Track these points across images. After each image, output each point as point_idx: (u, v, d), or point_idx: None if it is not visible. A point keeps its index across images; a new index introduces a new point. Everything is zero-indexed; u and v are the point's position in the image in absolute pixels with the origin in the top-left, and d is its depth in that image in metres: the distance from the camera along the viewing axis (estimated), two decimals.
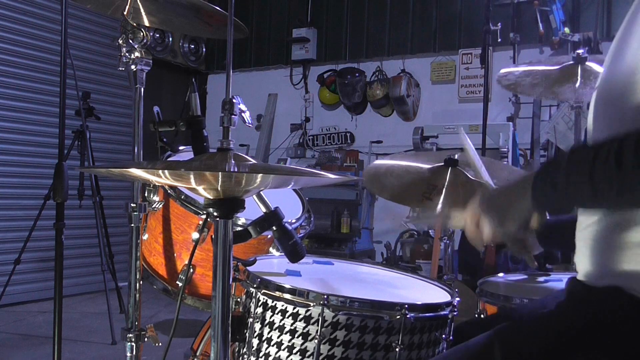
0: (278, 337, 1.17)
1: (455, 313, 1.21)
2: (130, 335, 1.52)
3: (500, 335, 1.01)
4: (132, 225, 1.53)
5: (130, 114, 2.93)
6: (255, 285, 1.22)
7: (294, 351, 1.15)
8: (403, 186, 1.70)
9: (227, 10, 1.13)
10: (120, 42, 1.48)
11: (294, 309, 1.16)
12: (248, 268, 1.29)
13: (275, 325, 1.18)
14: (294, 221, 1.61)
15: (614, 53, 1.01)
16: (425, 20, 5.49)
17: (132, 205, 1.52)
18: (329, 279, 1.43)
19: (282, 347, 1.16)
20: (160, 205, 1.58)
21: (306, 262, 1.45)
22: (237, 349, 1.27)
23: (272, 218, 1.24)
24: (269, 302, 1.19)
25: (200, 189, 0.99)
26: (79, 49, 4.68)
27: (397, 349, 1.13)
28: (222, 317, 1.03)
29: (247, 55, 6.38)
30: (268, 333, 1.19)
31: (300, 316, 1.15)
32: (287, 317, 1.16)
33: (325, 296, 1.13)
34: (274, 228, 1.25)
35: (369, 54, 5.79)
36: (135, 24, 1.47)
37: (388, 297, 1.27)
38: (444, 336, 1.21)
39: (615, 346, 0.91)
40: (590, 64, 1.98)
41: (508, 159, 4.20)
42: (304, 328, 1.14)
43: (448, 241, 1.97)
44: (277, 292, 1.18)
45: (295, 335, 1.15)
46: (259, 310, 1.20)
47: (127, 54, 1.49)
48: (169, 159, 1.60)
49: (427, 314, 1.17)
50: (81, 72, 4.21)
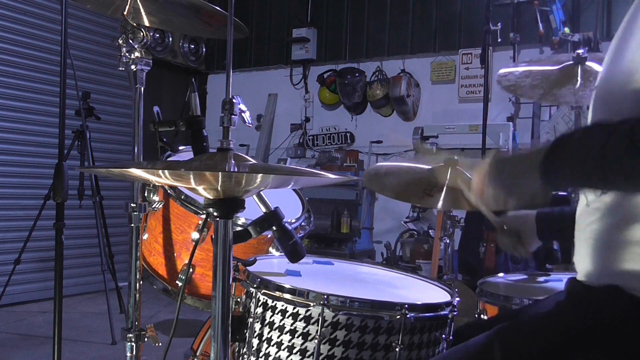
0: (278, 337, 1.17)
1: (455, 313, 1.21)
2: (130, 335, 1.52)
3: (500, 335, 1.01)
4: (132, 225, 1.53)
5: (130, 114, 2.93)
6: (255, 285, 1.22)
7: (294, 351, 1.15)
8: (403, 184, 1.70)
9: (227, 10, 1.13)
10: (120, 42, 1.48)
11: (294, 309, 1.16)
12: (248, 268, 1.29)
13: (275, 325, 1.18)
14: (294, 221, 1.61)
15: (614, 53, 1.01)
16: (425, 20, 5.49)
17: (132, 205, 1.52)
18: (329, 279, 1.43)
19: (282, 347, 1.16)
20: (160, 205, 1.58)
21: (306, 262, 1.45)
22: (237, 349, 1.27)
23: (272, 218, 1.24)
24: (269, 302, 1.19)
25: (200, 189, 0.99)
26: (79, 49, 4.68)
27: (397, 349, 1.13)
28: (222, 317, 1.03)
29: (247, 55, 6.38)
30: (268, 333, 1.19)
31: (300, 316, 1.15)
32: (287, 317, 1.16)
33: (325, 296, 1.13)
34: (274, 228, 1.25)
35: (369, 54, 5.79)
36: (135, 24, 1.47)
37: (388, 297, 1.27)
38: (444, 336, 1.21)
39: (615, 346, 0.91)
40: (590, 64, 1.98)
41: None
42: (304, 328, 1.15)
43: (448, 241, 1.97)
44: (277, 292, 1.18)
45: (295, 335, 1.15)
46: (259, 310, 1.20)
47: (127, 54, 1.49)
48: (169, 159, 1.60)
49: (427, 314, 1.17)
50: (81, 72, 4.21)
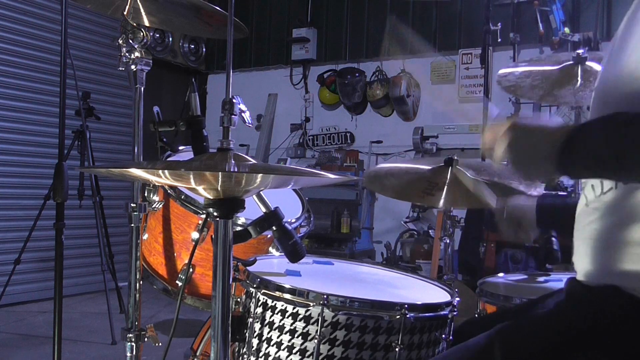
0: (278, 337, 1.17)
1: (455, 313, 1.21)
2: (130, 335, 1.52)
3: (500, 335, 1.01)
4: (132, 225, 1.53)
5: (130, 114, 2.93)
6: (255, 285, 1.22)
7: (294, 351, 1.15)
8: (403, 184, 1.70)
9: (227, 10, 1.13)
10: (120, 42, 1.48)
11: (293, 308, 1.16)
12: (248, 268, 1.29)
13: (275, 325, 1.18)
14: (293, 221, 1.61)
15: (613, 53, 1.01)
16: (425, 20, 5.49)
17: (132, 205, 1.52)
18: (329, 279, 1.43)
19: (282, 347, 1.16)
20: (160, 205, 1.58)
21: (306, 262, 1.45)
22: (237, 349, 1.27)
23: (272, 218, 1.24)
24: (269, 302, 1.19)
25: (200, 189, 0.99)
26: (79, 49, 4.68)
27: (397, 349, 1.13)
28: (222, 317, 1.03)
29: (247, 55, 6.38)
30: (268, 333, 1.19)
31: (300, 316, 1.15)
32: (287, 317, 1.16)
33: (325, 296, 1.13)
34: (274, 228, 1.25)
35: (369, 54, 5.78)
36: (135, 24, 1.47)
37: (388, 297, 1.27)
38: (443, 336, 1.21)
39: (615, 346, 0.91)
40: (591, 64, 1.97)
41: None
42: (303, 328, 1.15)
43: (448, 241, 1.96)
44: (277, 292, 1.18)
45: (295, 335, 1.15)
46: (259, 310, 1.21)
47: (127, 54, 1.49)
48: (169, 159, 1.60)
49: (427, 314, 1.17)
50: (81, 72, 4.21)
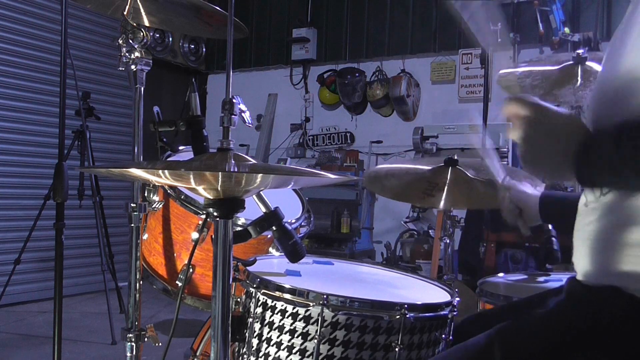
0: (278, 337, 1.17)
1: (455, 313, 1.21)
2: (130, 335, 1.52)
3: (500, 335, 1.01)
4: (132, 225, 1.53)
5: (130, 114, 2.93)
6: (255, 285, 1.22)
7: (294, 351, 1.15)
8: (403, 185, 1.70)
9: (227, 10, 1.13)
10: (120, 42, 1.48)
11: (293, 308, 1.16)
12: (248, 268, 1.29)
13: (275, 325, 1.18)
14: (294, 221, 1.61)
15: (612, 53, 1.01)
16: (425, 20, 5.48)
17: (132, 205, 1.52)
18: (329, 279, 1.43)
19: (282, 347, 1.16)
20: (160, 205, 1.58)
21: (306, 262, 1.45)
22: (237, 348, 1.27)
23: (272, 218, 1.24)
24: (269, 302, 1.19)
25: (200, 189, 0.99)
26: (79, 49, 4.68)
27: (397, 349, 1.13)
28: (222, 317, 1.03)
29: (247, 55, 6.38)
30: (268, 333, 1.19)
31: (300, 316, 1.15)
32: (287, 317, 1.16)
33: (324, 296, 1.13)
34: (274, 228, 1.25)
35: (369, 54, 5.78)
36: (135, 24, 1.47)
37: (388, 297, 1.27)
38: (443, 336, 1.21)
39: (615, 346, 0.91)
40: (590, 64, 1.98)
41: (508, 159, 4.20)
42: (303, 328, 1.15)
43: (448, 241, 1.97)
44: (277, 292, 1.18)
45: (295, 335, 1.15)
46: (259, 310, 1.21)
47: (127, 54, 1.49)
48: (169, 159, 1.60)
49: (426, 314, 1.17)
50: (81, 72, 4.21)
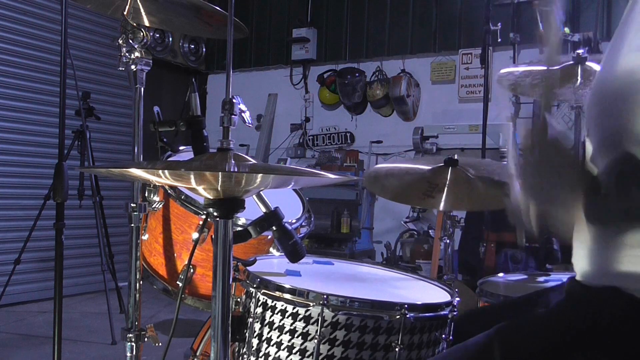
0: (278, 337, 1.17)
1: (455, 313, 1.21)
2: (130, 335, 1.52)
3: (499, 335, 1.00)
4: (132, 225, 1.53)
5: (130, 114, 2.93)
6: (255, 285, 1.22)
7: (294, 351, 1.15)
8: (404, 186, 1.70)
9: (227, 10, 1.13)
10: (120, 42, 1.48)
11: (293, 308, 1.16)
12: (248, 268, 1.29)
13: (275, 325, 1.18)
14: (294, 221, 1.61)
15: (609, 54, 1.01)
16: (425, 20, 5.48)
17: (132, 205, 1.52)
18: (329, 279, 1.43)
19: (282, 347, 1.16)
20: (160, 205, 1.58)
21: (306, 262, 1.45)
22: (237, 349, 1.27)
23: (272, 218, 1.24)
24: (269, 302, 1.19)
25: (200, 189, 0.99)
26: (79, 49, 4.68)
27: (397, 349, 1.13)
28: (222, 317, 1.03)
29: (247, 55, 6.38)
30: (268, 333, 1.19)
31: (300, 316, 1.15)
32: (287, 317, 1.16)
33: (324, 296, 1.13)
34: (274, 228, 1.25)
35: (369, 54, 5.78)
36: (135, 24, 1.47)
37: (388, 297, 1.27)
38: (444, 336, 1.21)
39: (615, 346, 0.91)
40: (590, 64, 1.98)
41: (508, 159, 4.19)
42: (303, 328, 1.15)
43: (448, 241, 1.96)
44: (277, 292, 1.18)
45: (295, 335, 1.15)
46: (259, 310, 1.21)
47: (127, 54, 1.49)
48: (169, 159, 1.60)
49: (427, 314, 1.17)
50: (81, 72, 4.21)
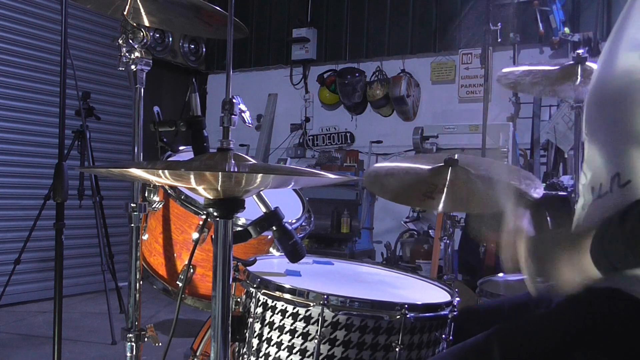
0: (278, 337, 1.17)
1: (455, 313, 1.21)
2: (130, 335, 1.52)
3: (499, 335, 1.01)
4: (132, 225, 1.52)
5: (130, 114, 2.93)
6: (255, 285, 1.22)
7: (294, 351, 1.15)
8: (404, 186, 1.70)
9: (227, 10, 1.13)
10: (120, 42, 1.48)
11: (293, 309, 1.16)
12: (248, 268, 1.29)
13: (275, 325, 1.18)
14: (294, 221, 1.61)
15: (606, 55, 1.01)
16: (425, 20, 5.48)
17: (132, 205, 1.52)
18: (329, 279, 1.43)
19: (282, 347, 1.16)
20: (160, 205, 1.58)
21: (306, 262, 1.45)
22: (237, 349, 1.27)
23: (272, 218, 1.24)
24: (269, 302, 1.19)
25: (200, 189, 0.99)
26: (79, 49, 4.68)
27: (397, 349, 1.13)
28: (222, 317, 1.03)
29: (247, 55, 6.38)
30: (268, 333, 1.19)
31: (300, 316, 1.15)
32: (287, 317, 1.16)
33: (325, 296, 1.13)
34: (274, 228, 1.25)
35: (369, 54, 5.78)
36: (135, 24, 1.47)
37: (388, 297, 1.27)
38: (444, 336, 1.21)
39: (615, 346, 0.91)
40: (590, 64, 1.98)
41: (508, 159, 4.20)
42: (303, 328, 1.15)
43: (448, 241, 1.97)
44: (277, 292, 1.18)
45: (295, 335, 1.15)
46: (259, 310, 1.21)
47: (127, 54, 1.49)
48: (169, 159, 1.60)
49: (427, 314, 1.17)
50: (81, 72, 4.21)
